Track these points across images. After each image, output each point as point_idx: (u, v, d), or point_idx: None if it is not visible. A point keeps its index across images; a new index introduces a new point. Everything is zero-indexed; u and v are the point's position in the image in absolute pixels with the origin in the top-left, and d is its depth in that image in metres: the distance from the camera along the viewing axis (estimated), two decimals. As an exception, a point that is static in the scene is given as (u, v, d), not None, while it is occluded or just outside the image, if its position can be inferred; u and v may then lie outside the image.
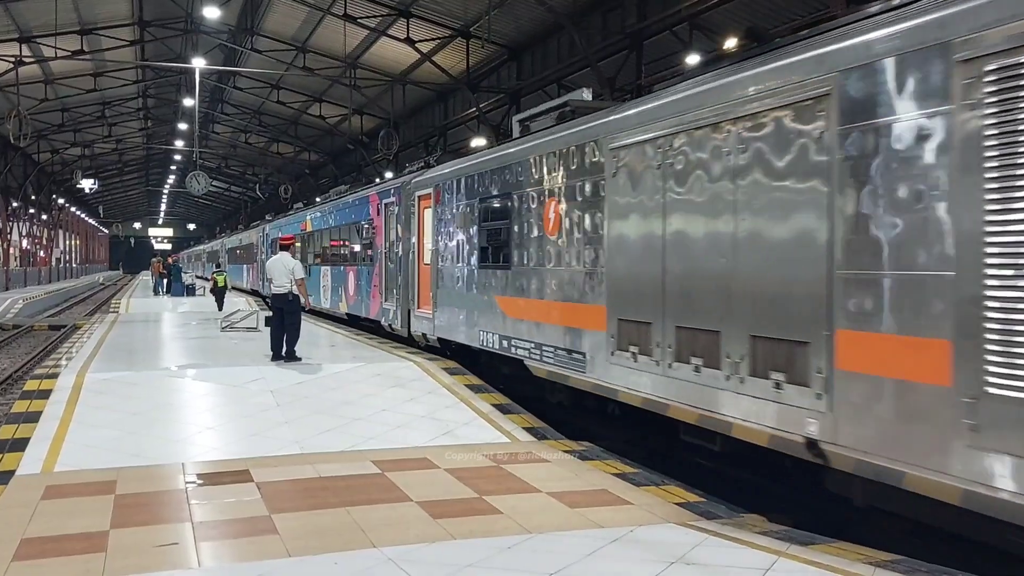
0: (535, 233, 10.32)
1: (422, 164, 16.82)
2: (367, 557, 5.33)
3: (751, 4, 19.23)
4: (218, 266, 33.95)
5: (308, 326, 16.80)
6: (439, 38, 28.62)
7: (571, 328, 9.44)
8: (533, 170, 10.43)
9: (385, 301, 16.86)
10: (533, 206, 10.38)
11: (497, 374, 12.09)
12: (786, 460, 6.65)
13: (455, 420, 9.58)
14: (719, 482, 8.28)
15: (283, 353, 12.74)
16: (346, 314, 20.83)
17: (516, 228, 10.84)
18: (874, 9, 6.11)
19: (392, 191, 16.67)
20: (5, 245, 54.41)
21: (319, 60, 33.94)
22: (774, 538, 5.80)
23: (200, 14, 31.30)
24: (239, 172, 67.52)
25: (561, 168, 9.70)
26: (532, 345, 10.37)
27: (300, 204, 35.14)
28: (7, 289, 48.89)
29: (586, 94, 11.61)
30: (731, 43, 18.62)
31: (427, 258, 14.34)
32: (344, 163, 49.53)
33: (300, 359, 12.65)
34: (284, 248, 13.48)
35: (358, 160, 44.99)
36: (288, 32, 33.28)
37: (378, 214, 17.55)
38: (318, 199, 33.01)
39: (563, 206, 9.61)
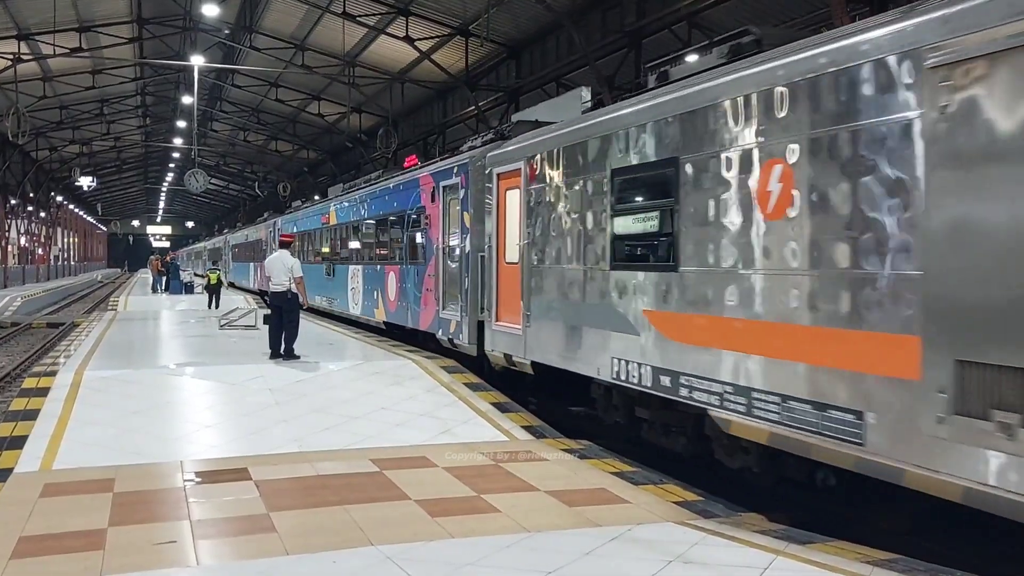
0: (735, 216, 6.84)
1: (490, 136, 13.40)
2: (365, 555, 5.33)
3: (749, 3, 19.22)
4: (214, 263, 33.89)
5: (313, 327, 16.66)
6: (438, 36, 28.60)
7: (825, 369, 5.98)
8: (730, 119, 6.94)
9: (443, 309, 13.52)
10: (729, 175, 6.92)
11: (631, 419, 9.03)
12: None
13: (454, 418, 9.58)
14: (717, 481, 8.28)
15: (282, 351, 12.73)
16: (384, 323, 17.34)
17: (691, 210, 7.37)
18: None
19: (455, 170, 13.24)
20: (3, 243, 54.36)
21: (318, 58, 33.91)
22: (772, 537, 5.81)
23: (199, 12, 31.28)
24: (238, 170, 67.49)
25: (798, 111, 6.26)
26: (728, 389, 6.89)
27: (300, 201, 35.02)
28: (5, 287, 48.85)
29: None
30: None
31: (511, 255, 11.22)
32: (343, 161, 49.51)
33: (299, 357, 12.64)
34: (284, 246, 13.50)
35: (357, 158, 44.97)
36: (287, 30, 33.25)
37: (432, 200, 14.22)
38: (308, 198, 32.53)
39: (803, 171, 6.21)
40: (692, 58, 8.62)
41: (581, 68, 24.44)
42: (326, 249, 23.71)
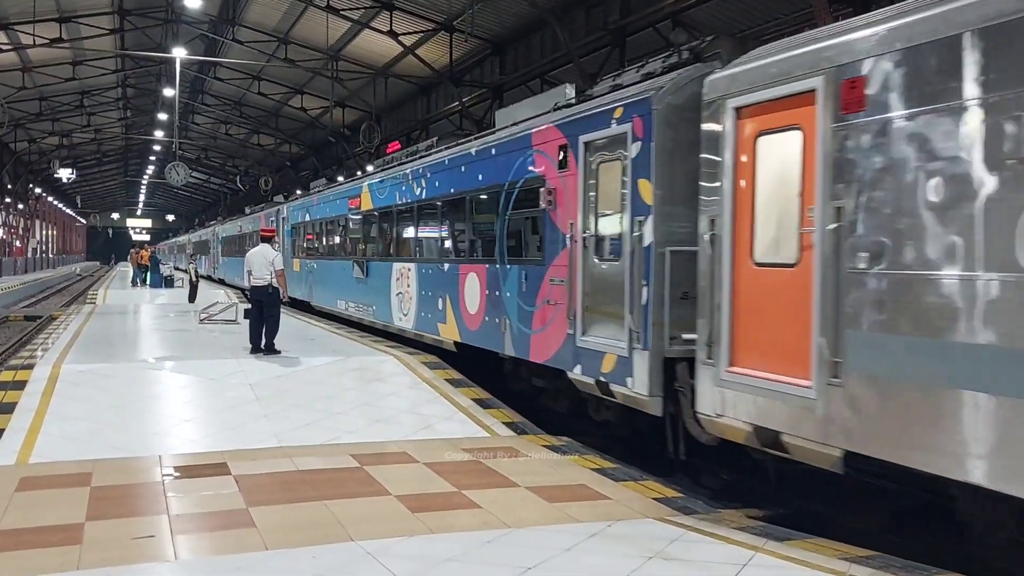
0: None
1: (660, 63, 8.99)
2: (345, 551, 5.32)
3: (733, 2, 19.29)
4: (191, 258, 33.41)
5: (295, 321, 16.46)
6: (422, 31, 28.52)
7: None
8: None
9: (584, 333, 9.00)
10: None
11: None
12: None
13: (435, 414, 9.57)
14: (696, 477, 8.33)
15: (262, 346, 12.68)
16: (455, 344, 12.72)
17: None
18: None
19: (618, 113, 8.59)
20: (-20, 234, 53.82)
21: (301, 52, 33.73)
22: (751, 533, 5.85)
23: (181, 4, 31.04)
24: (219, 163, 67.04)
25: None
26: None
27: (281, 196, 34.75)
28: (-18, 279, 48.32)
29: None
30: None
31: (769, 249, 6.70)
32: (325, 156, 49.30)
33: (279, 352, 12.59)
34: (265, 240, 13.44)
35: (339, 153, 44.80)
36: (270, 23, 33.05)
37: (562, 167, 9.55)
38: (290, 192, 31.89)
39: None
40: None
41: (565, 65, 24.43)
42: (356, 241, 18.66)
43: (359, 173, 24.37)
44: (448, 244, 13.39)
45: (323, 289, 21.50)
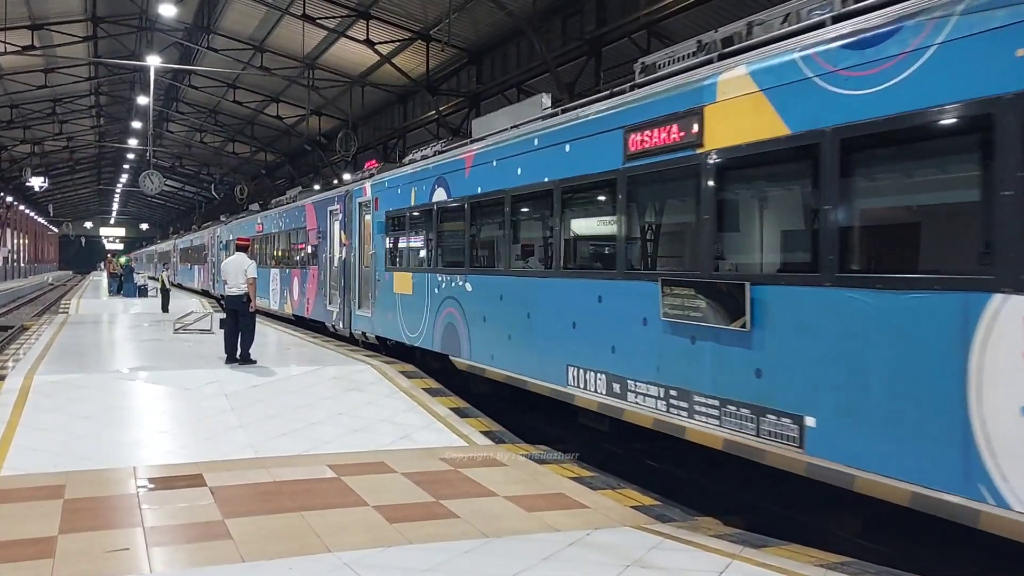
0: None
1: None
2: (322, 562, 5.30)
3: (708, 13, 19.46)
4: (165, 266, 32.40)
5: (271, 331, 16.31)
6: (399, 40, 28.55)
7: None
8: None
9: None
10: None
11: None
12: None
13: (413, 424, 9.54)
14: (674, 485, 8.37)
15: (238, 356, 12.60)
16: None
17: None
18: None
19: None
20: (-50, 243, 53.08)
21: (277, 60, 33.64)
22: (728, 541, 5.88)
23: (155, 11, 30.88)
24: (194, 172, 66.63)
25: None
26: None
27: (256, 205, 34.48)
28: (-49, 289, 47.63)
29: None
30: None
31: None
32: (301, 164, 49.13)
33: (255, 362, 12.52)
34: (241, 248, 13.37)
35: (315, 161, 44.66)
36: (245, 31, 32.93)
37: None
38: (265, 201, 30.85)
39: None
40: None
41: (542, 75, 24.54)
42: (682, 236, 7.99)
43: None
44: None
45: (511, 337, 10.40)
